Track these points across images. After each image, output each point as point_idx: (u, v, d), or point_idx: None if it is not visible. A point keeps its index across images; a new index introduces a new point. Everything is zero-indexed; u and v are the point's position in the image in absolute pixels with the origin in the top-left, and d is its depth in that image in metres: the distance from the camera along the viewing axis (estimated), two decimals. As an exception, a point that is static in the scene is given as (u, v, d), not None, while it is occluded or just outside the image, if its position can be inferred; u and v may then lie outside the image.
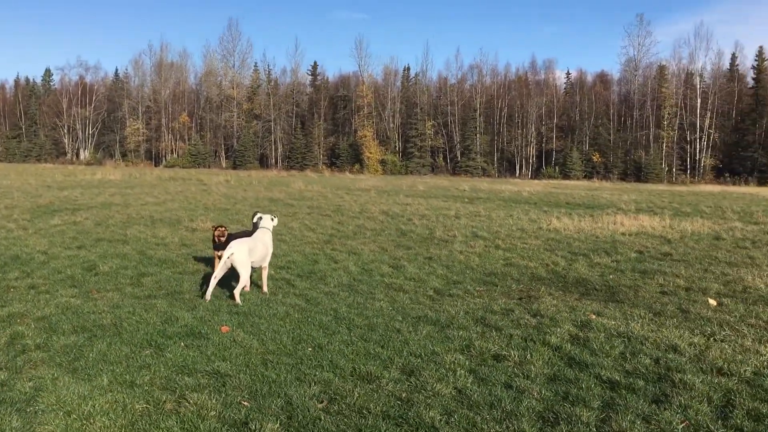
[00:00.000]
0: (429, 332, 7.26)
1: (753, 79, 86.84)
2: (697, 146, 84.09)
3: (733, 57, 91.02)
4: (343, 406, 5.11)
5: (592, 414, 4.88)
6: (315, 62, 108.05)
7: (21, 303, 8.32)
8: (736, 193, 50.50)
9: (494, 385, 5.51)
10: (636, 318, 8.02)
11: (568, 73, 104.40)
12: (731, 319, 8.08)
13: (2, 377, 5.72)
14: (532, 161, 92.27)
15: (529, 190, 43.06)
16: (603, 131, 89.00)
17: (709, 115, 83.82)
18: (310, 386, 5.56)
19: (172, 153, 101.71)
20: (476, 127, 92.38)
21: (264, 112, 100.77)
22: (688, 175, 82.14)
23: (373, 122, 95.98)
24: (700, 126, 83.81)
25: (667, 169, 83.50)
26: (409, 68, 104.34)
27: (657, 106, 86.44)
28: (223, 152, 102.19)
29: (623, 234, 17.21)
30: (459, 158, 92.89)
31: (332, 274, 10.79)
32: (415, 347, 6.64)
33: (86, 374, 5.87)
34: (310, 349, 6.69)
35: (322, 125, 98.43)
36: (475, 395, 5.28)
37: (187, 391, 5.46)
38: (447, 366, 6.02)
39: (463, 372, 5.84)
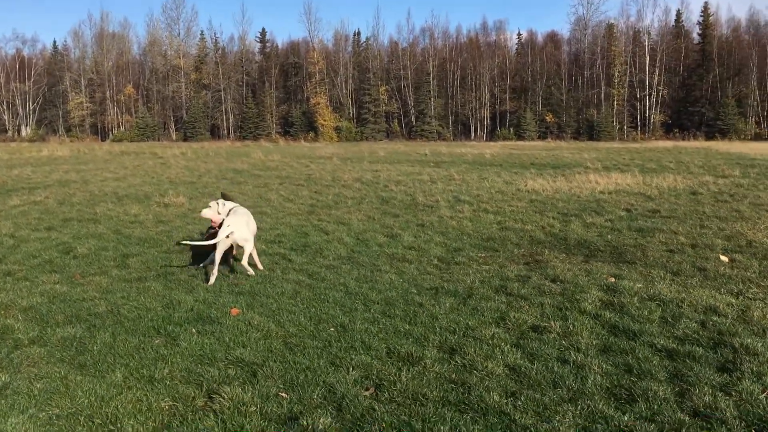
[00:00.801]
0: (452, 304, 6.87)
1: (699, 35, 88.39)
2: (647, 103, 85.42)
3: (678, 13, 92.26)
4: (395, 393, 4.68)
5: (666, 388, 4.57)
6: (263, 29, 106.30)
7: (1, 293, 7.61)
8: (689, 147, 51.48)
9: (548, 360, 5.15)
10: (657, 279, 7.77)
11: (519, 34, 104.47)
12: (752, 275, 7.91)
13: (3, 379, 5.11)
14: (487, 123, 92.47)
15: (489, 152, 42.99)
16: (555, 91, 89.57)
17: (657, 72, 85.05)
18: (348, 371, 5.11)
19: (118, 127, 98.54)
20: (430, 91, 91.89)
21: (213, 81, 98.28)
22: (639, 132, 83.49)
23: (325, 89, 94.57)
24: (649, 83, 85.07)
25: (618, 126, 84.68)
26: (359, 33, 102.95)
27: (607, 64, 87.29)
28: (173, 124, 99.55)
29: (602, 192, 17.12)
30: (414, 123, 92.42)
31: (327, 246, 10.29)
32: (446, 322, 6.24)
33: (96, 370, 5.30)
34: (332, 329, 6.23)
35: (273, 94, 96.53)
36: (533, 373, 4.91)
37: (215, 384, 4.96)
38: (488, 341, 5.64)
39: (508, 347, 5.47)
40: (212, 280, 7.98)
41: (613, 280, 7.75)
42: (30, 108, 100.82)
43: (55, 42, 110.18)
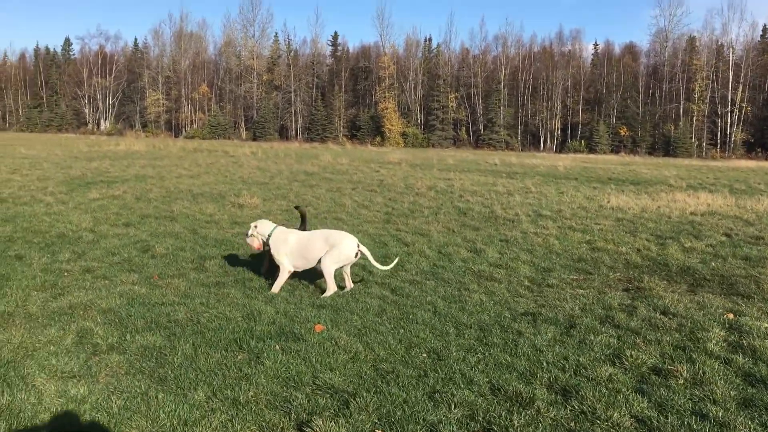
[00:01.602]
0: (555, 335, 6.26)
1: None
2: (728, 120, 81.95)
3: (765, 28, 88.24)
4: (509, 441, 4.14)
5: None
6: (335, 32, 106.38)
7: (81, 291, 7.41)
8: (775, 168, 48.89)
9: (681, 414, 4.50)
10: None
11: (595, 45, 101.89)
12: None
13: (82, 391, 4.80)
14: (557, 135, 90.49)
15: (562, 164, 41.69)
16: (631, 104, 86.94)
17: (741, 88, 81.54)
18: (450, 409, 4.59)
19: (191, 124, 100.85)
20: (500, 100, 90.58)
21: (284, 83, 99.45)
22: (718, 150, 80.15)
23: (394, 94, 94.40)
24: (731, 99, 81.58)
25: (697, 143, 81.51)
26: (431, 39, 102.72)
27: (687, 78, 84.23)
28: (243, 124, 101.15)
29: (694, 214, 16.06)
30: (482, 131, 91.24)
31: (408, 258, 9.80)
32: (551, 355, 5.64)
33: (177, 386, 4.94)
34: (424, 354, 5.72)
35: (342, 97, 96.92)
36: (668, 429, 4.28)
37: (304, 413, 4.52)
38: (605, 384, 5.02)
39: (630, 393, 4.84)
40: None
41: (731, 316, 6.98)
42: (110, 102, 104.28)
43: (136, 40, 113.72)
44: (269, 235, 8.23)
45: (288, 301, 7.32)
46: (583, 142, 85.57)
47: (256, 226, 8.43)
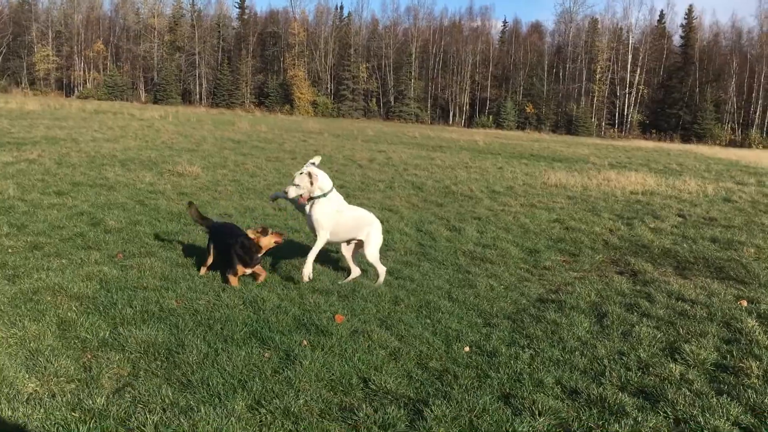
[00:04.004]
0: (590, 326, 5.86)
1: (681, 37, 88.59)
2: (626, 101, 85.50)
3: (662, 14, 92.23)
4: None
5: None
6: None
7: (39, 272, 6.32)
8: (672, 149, 51.32)
9: (780, 418, 4.18)
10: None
11: (504, 22, 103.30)
12: None
13: (97, 403, 3.91)
14: (466, 109, 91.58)
15: (480, 139, 42.00)
16: (537, 82, 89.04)
17: (639, 71, 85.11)
18: (535, 417, 4.06)
19: (85, 83, 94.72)
20: (411, 72, 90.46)
21: (187, 44, 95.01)
22: (616, 130, 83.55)
23: (304, 62, 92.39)
24: (629, 81, 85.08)
25: (597, 123, 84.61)
26: (342, 7, 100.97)
27: (589, 59, 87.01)
28: (143, 85, 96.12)
29: (635, 193, 16.26)
30: (392, 103, 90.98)
31: (390, 237, 9.18)
32: (604, 351, 5.22)
33: (208, 393, 4.15)
34: (467, 349, 5.17)
35: (249, 62, 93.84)
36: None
37: (376, 427, 3.87)
38: (683, 384, 4.64)
39: (712, 395, 4.48)
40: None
41: (745, 303, 6.83)
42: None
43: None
44: (323, 195, 6.62)
45: (286, 286, 6.56)
46: (490, 117, 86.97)
47: (311, 175, 6.45)
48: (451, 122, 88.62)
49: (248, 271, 6.57)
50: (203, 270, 6.85)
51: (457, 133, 53.95)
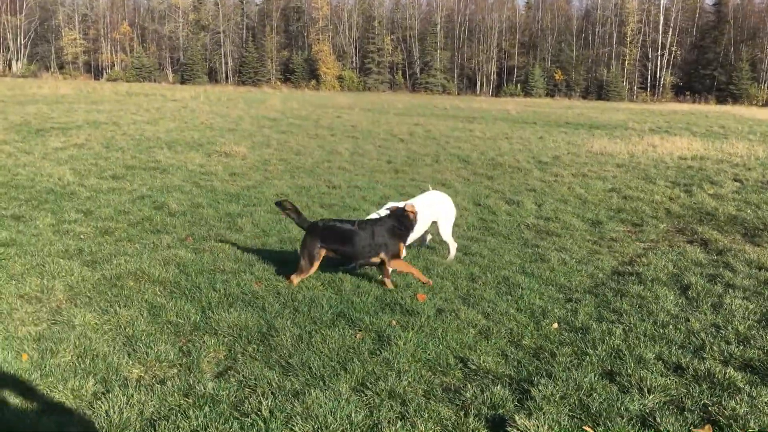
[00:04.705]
0: (676, 298, 5.76)
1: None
2: (658, 64, 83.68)
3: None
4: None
5: None
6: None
7: (118, 258, 6.38)
8: (710, 111, 50.26)
9: None
10: None
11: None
12: None
13: (199, 386, 3.92)
14: (493, 78, 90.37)
15: (510, 109, 41.46)
16: (565, 48, 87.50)
17: (670, 31, 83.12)
18: (644, 394, 3.99)
19: (112, 66, 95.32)
20: (436, 42, 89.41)
21: (212, 22, 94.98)
22: (648, 93, 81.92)
23: (329, 36, 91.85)
24: (662, 43, 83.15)
25: (628, 87, 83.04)
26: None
27: (619, 22, 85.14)
28: (169, 66, 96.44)
29: (684, 158, 15.94)
30: (418, 75, 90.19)
31: (449, 212, 9.11)
32: (698, 324, 5.12)
33: (312, 376, 4.15)
34: (555, 325, 5.10)
35: (274, 38, 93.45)
36: None
37: (485, 408, 3.84)
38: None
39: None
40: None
41: (830, 270, 6.65)
42: (21, 43, 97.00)
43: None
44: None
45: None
46: (518, 86, 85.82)
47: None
48: (478, 92, 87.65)
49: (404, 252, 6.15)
50: (297, 280, 5.89)
51: (486, 103, 53.40)
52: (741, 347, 4.66)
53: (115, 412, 3.65)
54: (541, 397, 3.93)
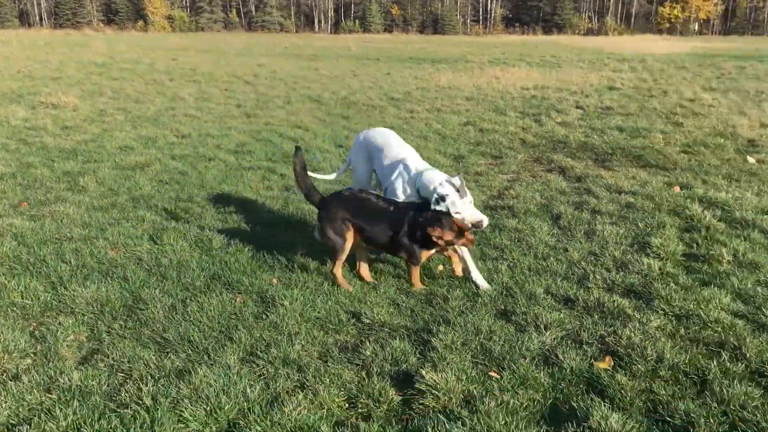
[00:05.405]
0: (550, 230, 5.84)
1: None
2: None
3: None
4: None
5: None
6: None
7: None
8: (539, 42, 52.88)
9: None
10: (719, 186, 7.17)
11: None
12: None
13: (62, 378, 3.38)
14: (331, 15, 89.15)
15: (351, 46, 41.22)
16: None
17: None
18: (542, 332, 3.95)
19: None
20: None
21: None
22: (480, 26, 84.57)
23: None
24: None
25: (461, 20, 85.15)
26: None
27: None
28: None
29: (526, 89, 16.49)
30: (254, 13, 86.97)
31: (312, 155, 8.73)
32: (577, 254, 5.20)
33: (192, 350, 3.72)
34: (440, 267, 4.98)
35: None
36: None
37: (386, 364, 3.63)
38: (663, 278, 4.69)
39: (697, 286, 4.57)
40: None
41: (678, 189, 7.06)
42: None
43: None
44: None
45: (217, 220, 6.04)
46: (356, 22, 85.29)
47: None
48: (317, 29, 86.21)
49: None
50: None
51: (326, 41, 52.64)
52: (621, 273, 4.77)
53: (-41, 426, 3.05)
54: (443, 347, 3.77)
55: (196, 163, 8.26)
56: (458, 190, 4.53)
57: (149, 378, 3.46)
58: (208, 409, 3.20)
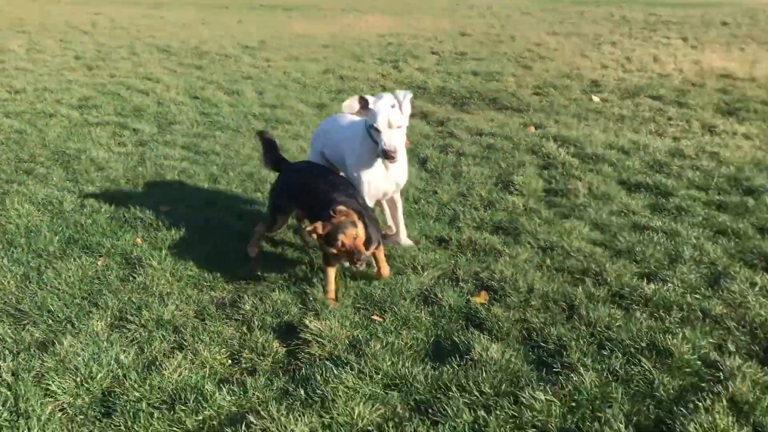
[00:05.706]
0: (419, 173, 5.91)
1: None
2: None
3: None
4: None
5: None
6: None
7: None
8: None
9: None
10: (570, 125, 7.56)
11: None
12: (645, 111, 8.15)
13: None
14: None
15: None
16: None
17: None
18: (419, 273, 4.01)
19: None
20: None
21: None
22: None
23: None
24: None
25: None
26: None
27: None
28: None
29: (382, 35, 16.47)
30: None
31: (167, 108, 8.26)
32: (446, 195, 5.30)
33: (54, 320, 3.46)
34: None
35: None
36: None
37: (268, 317, 3.55)
38: (527, 213, 4.90)
39: (558, 219, 4.81)
40: None
41: (533, 129, 7.38)
42: None
43: None
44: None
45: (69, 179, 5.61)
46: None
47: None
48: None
49: None
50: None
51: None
52: (489, 212, 4.93)
53: None
54: (323, 294, 3.74)
55: (35, 121, 7.58)
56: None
57: (6, 353, 3.18)
58: (78, 380, 3.00)
